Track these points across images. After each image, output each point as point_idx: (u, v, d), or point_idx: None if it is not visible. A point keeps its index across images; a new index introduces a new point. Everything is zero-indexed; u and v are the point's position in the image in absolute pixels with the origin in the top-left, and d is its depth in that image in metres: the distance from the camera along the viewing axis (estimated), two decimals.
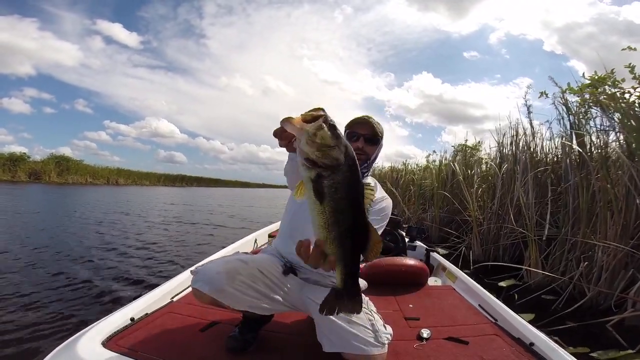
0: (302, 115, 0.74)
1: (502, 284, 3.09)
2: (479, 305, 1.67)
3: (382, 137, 1.25)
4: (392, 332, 1.12)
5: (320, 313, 0.81)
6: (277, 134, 0.78)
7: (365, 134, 1.20)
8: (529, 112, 4.17)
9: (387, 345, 1.07)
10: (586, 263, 2.67)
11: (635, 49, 2.73)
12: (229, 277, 1.00)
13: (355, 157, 0.78)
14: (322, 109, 0.75)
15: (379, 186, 1.32)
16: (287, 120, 0.73)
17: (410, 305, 1.68)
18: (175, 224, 7.57)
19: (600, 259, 2.55)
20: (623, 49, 2.76)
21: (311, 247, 0.76)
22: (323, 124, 0.73)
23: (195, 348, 1.15)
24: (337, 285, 0.80)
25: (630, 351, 1.84)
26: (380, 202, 1.26)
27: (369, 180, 1.28)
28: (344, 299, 0.81)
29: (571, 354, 1.16)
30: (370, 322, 1.08)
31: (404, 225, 3.25)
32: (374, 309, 1.18)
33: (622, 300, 2.35)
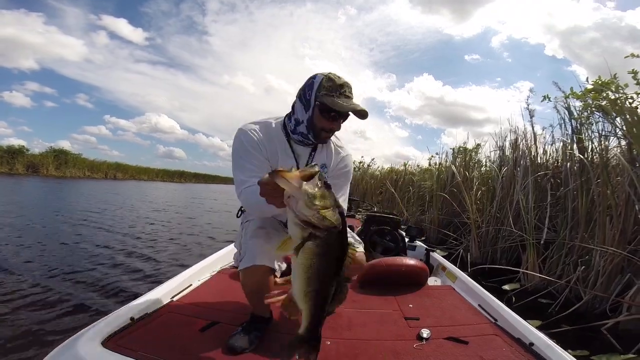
0: (299, 172, 0.73)
1: (506, 287, 3.11)
2: (479, 305, 1.68)
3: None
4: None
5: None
6: (267, 189, 0.77)
7: (344, 112, 1.17)
8: (531, 116, 4.17)
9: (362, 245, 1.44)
10: (583, 267, 2.69)
11: (638, 56, 2.73)
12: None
13: (346, 222, 0.80)
14: (317, 165, 0.76)
15: (336, 146, 1.35)
16: (280, 175, 0.70)
17: (410, 305, 1.69)
18: (175, 221, 7.56)
19: (597, 263, 2.57)
20: (626, 57, 2.76)
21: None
22: (320, 182, 0.73)
23: (195, 348, 1.15)
24: (301, 332, 0.84)
25: (631, 355, 1.85)
26: (340, 164, 1.34)
27: (330, 144, 1.33)
28: (304, 345, 0.85)
29: None
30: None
31: (403, 226, 3.27)
32: None
33: (617, 304, 2.37)
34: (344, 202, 1.32)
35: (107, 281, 2.96)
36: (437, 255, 2.59)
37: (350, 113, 1.16)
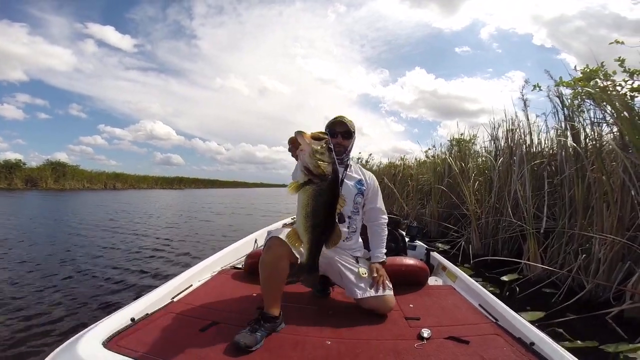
0: (312, 133, 1.04)
1: (505, 278, 3.12)
2: (480, 305, 1.67)
3: (354, 132, 1.65)
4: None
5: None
6: (291, 140, 1.08)
7: (341, 131, 1.61)
8: (526, 106, 4.16)
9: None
10: (584, 256, 2.69)
11: (623, 43, 2.74)
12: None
13: (338, 176, 1.14)
14: (327, 134, 1.08)
15: (361, 169, 1.76)
16: (300, 133, 1.03)
17: (411, 305, 1.68)
18: (175, 225, 7.56)
19: (597, 252, 2.57)
20: (611, 43, 2.76)
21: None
22: (325, 144, 1.03)
23: (195, 348, 1.15)
24: (303, 261, 1.16)
25: (639, 344, 1.85)
26: (372, 181, 1.72)
27: (353, 166, 1.73)
28: (305, 272, 1.16)
29: (574, 347, 1.16)
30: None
31: (403, 223, 3.24)
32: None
33: (620, 292, 2.38)
34: (378, 207, 1.75)
35: (108, 282, 3.00)
36: (438, 255, 2.58)
37: (349, 131, 1.62)
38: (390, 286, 1.58)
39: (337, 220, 1.28)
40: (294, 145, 1.06)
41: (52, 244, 4.74)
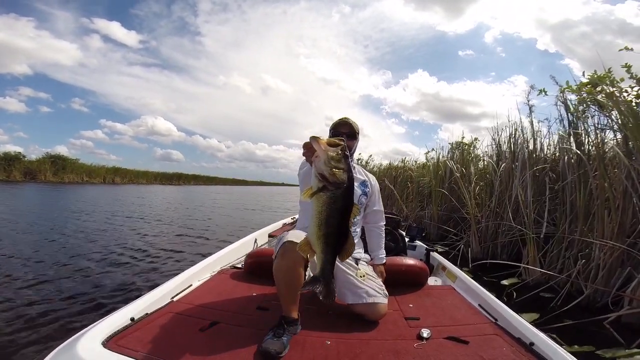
0: (327, 139, 1.02)
1: (505, 282, 3.12)
2: (479, 305, 1.67)
3: (358, 133, 1.68)
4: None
5: (302, 289, 1.17)
6: (306, 145, 1.05)
7: (346, 132, 1.63)
8: (531, 112, 4.17)
9: (387, 299, 1.53)
10: (583, 261, 2.69)
11: (632, 49, 2.73)
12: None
13: (354, 184, 1.08)
14: (343, 140, 1.04)
15: (364, 170, 1.82)
16: (315, 139, 1.01)
17: (410, 305, 1.68)
18: (175, 222, 7.54)
19: (597, 257, 2.58)
20: (620, 50, 2.76)
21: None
22: (340, 151, 1.00)
23: (195, 348, 1.15)
24: (317, 273, 1.09)
25: (637, 350, 1.85)
26: (375, 183, 1.78)
27: (357, 168, 1.75)
28: (320, 284, 1.10)
29: (571, 352, 1.17)
30: (377, 282, 1.56)
31: (403, 224, 3.25)
32: (375, 274, 1.63)
33: (618, 297, 2.38)
34: (380, 209, 1.83)
35: (107, 281, 2.97)
36: (437, 255, 2.58)
37: (354, 133, 1.64)
38: (386, 293, 1.56)
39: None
40: (309, 150, 1.03)
41: (46, 240, 4.70)
